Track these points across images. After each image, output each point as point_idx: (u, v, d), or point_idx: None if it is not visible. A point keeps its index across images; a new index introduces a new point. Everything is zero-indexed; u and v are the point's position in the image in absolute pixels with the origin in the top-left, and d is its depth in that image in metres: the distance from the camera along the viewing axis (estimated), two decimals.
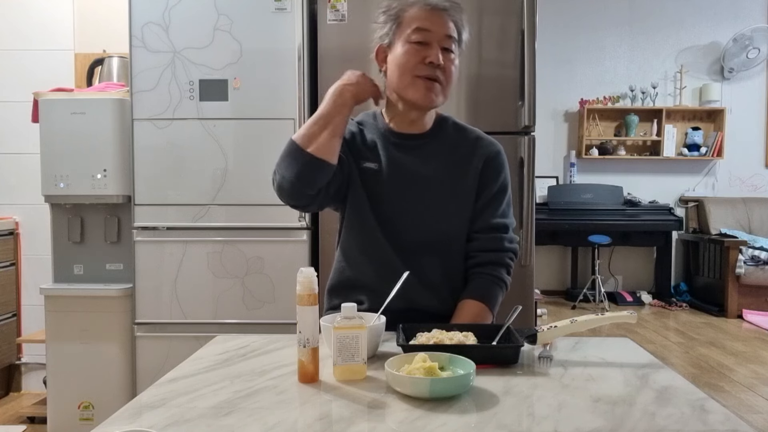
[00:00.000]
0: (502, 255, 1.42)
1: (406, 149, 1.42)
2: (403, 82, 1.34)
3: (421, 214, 1.39)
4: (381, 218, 1.39)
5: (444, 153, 1.42)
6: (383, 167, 1.40)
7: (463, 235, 1.42)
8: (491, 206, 1.43)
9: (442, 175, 1.40)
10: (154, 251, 2.40)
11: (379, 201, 1.40)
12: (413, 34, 1.32)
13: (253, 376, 1.03)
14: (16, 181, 3.14)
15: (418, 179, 1.40)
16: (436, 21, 1.32)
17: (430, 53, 1.31)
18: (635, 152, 5.46)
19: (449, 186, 1.40)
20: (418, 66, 1.32)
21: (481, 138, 1.46)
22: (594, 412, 0.87)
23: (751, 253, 4.74)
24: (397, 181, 1.40)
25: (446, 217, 1.40)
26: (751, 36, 5.24)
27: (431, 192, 1.40)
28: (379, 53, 1.40)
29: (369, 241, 1.39)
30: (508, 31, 2.37)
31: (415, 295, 1.35)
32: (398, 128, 1.43)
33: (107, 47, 3.05)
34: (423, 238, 1.39)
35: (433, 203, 1.39)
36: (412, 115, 1.41)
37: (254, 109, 2.37)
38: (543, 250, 5.37)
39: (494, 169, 1.44)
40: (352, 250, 1.43)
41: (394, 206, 1.40)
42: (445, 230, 1.40)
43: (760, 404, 2.89)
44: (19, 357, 3.19)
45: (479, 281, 1.40)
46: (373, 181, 1.40)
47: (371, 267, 1.39)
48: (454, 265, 1.42)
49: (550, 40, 5.24)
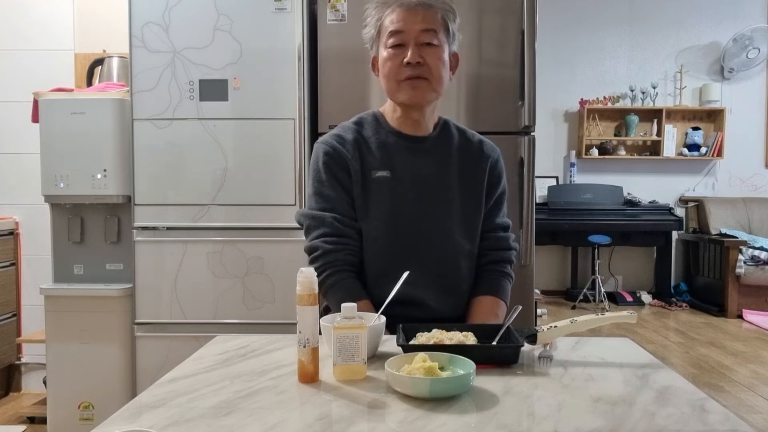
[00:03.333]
0: (509, 253, 1.49)
1: (419, 153, 1.42)
2: (391, 88, 1.37)
3: (443, 221, 1.41)
4: (403, 229, 1.38)
5: (456, 157, 1.45)
6: (398, 174, 1.40)
7: (478, 239, 1.46)
8: (497, 207, 1.49)
9: (459, 181, 1.43)
10: (154, 251, 2.40)
11: (400, 211, 1.39)
12: (389, 39, 1.34)
13: (253, 376, 1.03)
14: (16, 181, 3.14)
15: (438, 186, 1.42)
16: (409, 20, 1.33)
17: (406, 54, 1.32)
18: (635, 152, 5.46)
19: (467, 191, 1.44)
20: (400, 70, 1.34)
21: (483, 141, 1.51)
22: (594, 412, 0.87)
23: (751, 253, 4.74)
24: (417, 189, 1.40)
25: (466, 223, 1.43)
26: (751, 36, 5.24)
27: (452, 198, 1.42)
28: (374, 64, 1.43)
29: (392, 252, 1.38)
30: (508, 31, 2.37)
31: (440, 304, 1.38)
32: (407, 131, 1.43)
33: (107, 47, 3.05)
34: (448, 246, 1.41)
35: (454, 210, 1.42)
36: (413, 115, 1.41)
37: (254, 109, 2.37)
38: (543, 250, 5.37)
39: (498, 172, 1.50)
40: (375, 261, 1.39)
41: (417, 215, 1.39)
42: (466, 237, 1.43)
43: (760, 404, 2.89)
44: (19, 357, 3.19)
45: (492, 278, 1.45)
46: (390, 190, 1.39)
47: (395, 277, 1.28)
48: (473, 271, 1.46)
49: (550, 40, 5.24)
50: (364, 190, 1.38)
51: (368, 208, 1.38)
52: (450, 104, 2.37)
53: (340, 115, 2.32)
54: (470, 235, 1.44)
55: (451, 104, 2.37)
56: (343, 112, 2.31)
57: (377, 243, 1.38)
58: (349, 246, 1.37)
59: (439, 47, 1.35)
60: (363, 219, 1.39)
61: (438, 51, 1.35)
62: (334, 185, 1.39)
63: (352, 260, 1.38)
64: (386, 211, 1.38)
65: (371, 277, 1.39)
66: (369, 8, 1.39)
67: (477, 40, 2.36)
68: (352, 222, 1.38)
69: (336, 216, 1.37)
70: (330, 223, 1.37)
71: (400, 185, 1.39)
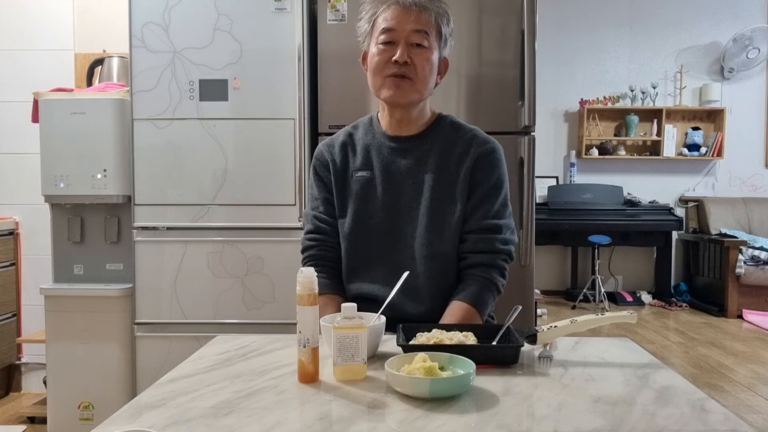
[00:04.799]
0: (494, 257, 1.38)
1: (400, 152, 1.42)
2: (376, 83, 1.38)
3: (416, 219, 1.39)
4: (375, 227, 1.41)
5: (438, 154, 1.40)
6: (376, 174, 1.42)
7: (456, 240, 1.40)
8: (483, 206, 1.39)
9: (434, 178, 1.39)
10: (154, 251, 2.40)
11: (371, 210, 1.41)
12: (380, 35, 1.35)
13: (253, 376, 1.03)
14: (16, 181, 3.14)
15: (411, 185, 1.40)
16: (402, 19, 1.33)
17: (395, 52, 1.33)
18: (635, 152, 5.46)
19: (442, 189, 1.39)
20: (387, 66, 1.35)
21: (476, 136, 1.43)
22: (594, 412, 0.87)
23: (751, 253, 4.74)
24: (389, 188, 1.41)
25: (441, 221, 1.39)
26: (751, 36, 5.24)
27: (424, 196, 1.39)
28: (364, 58, 1.43)
29: (363, 249, 1.42)
30: (508, 31, 2.37)
31: (403, 304, 1.35)
32: (392, 131, 1.44)
33: (107, 47, 3.05)
34: (416, 245, 1.39)
35: (425, 209, 1.39)
36: (396, 114, 1.42)
37: (254, 109, 2.37)
38: (543, 250, 5.37)
39: (486, 167, 1.40)
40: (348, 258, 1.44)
41: (389, 214, 1.40)
42: (439, 236, 1.39)
43: (760, 404, 2.89)
44: (19, 357, 3.19)
45: (469, 283, 1.37)
46: (367, 189, 1.42)
47: (365, 274, 1.41)
48: (448, 274, 1.40)
49: (550, 40, 5.23)
50: (343, 190, 1.45)
51: (345, 207, 1.44)
52: (450, 104, 2.37)
53: (340, 115, 2.35)
54: (442, 235, 1.38)
55: (452, 104, 2.37)
56: (343, 112, 2.34)
57: (348, 240, 1.43)
58: (326, 242, 1.46)
59: (429, 49, 1.35)
60: (340, 217, 1.45)
61: (426, 53, 1.35)
62: (318, 186, 1.49)
63: (328, 256, 1.46)
64: (359, 209, 1.42)
65: (345, 273, 1.45)
66: (365, 3, 1.40)
67: (477, 40, 2.36)
68: (332, 220, 1.46)
69: (317, 214, 1.48)
70: (312, 220, 1.48)
71: (376, 184, 1.42)
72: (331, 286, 1.43)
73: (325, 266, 1.44)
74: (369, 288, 1.39)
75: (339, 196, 1.45)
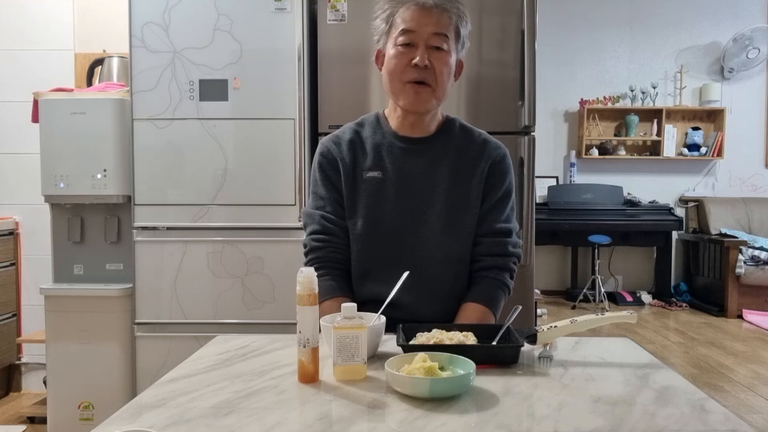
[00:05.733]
0: (506, 260, 1.42)
1: (412, 154, 1.40)
2: (394, 87, 1.35)
3: (430, 221, 1.38)
4: (387, 229, 1.38)
5: (451, 157, 1.41)
6: (388, 175, 1.39)
7: (470, 243, 1.41)
8: (496, 210, 1.42)
9: (449, 181, 1.39)
10: (154, 251, 2.40)
11: (384, 211, 1.39)
12: (399, 37, 1.32)
13: (253, 376, 1.03)
14: (16, 181, 3.14)
15: (425, 186, 1.39)
16: (422, 21, 1.30)
17: (415, 55, 1.30)
18: (635, 152, 5.46)
19: (457, 192, 1.39)
20: (405, 70, 1.32)
21: (488, 141, 1.44)
22: (594, 412, 0.87)
23: (751, 253, 4.74)
24: (403, 190, 1.39)
25: (456, 224, 1.39)
26: (751, 36, 5.24)
27: (438, 199, 1.39)
28: (378, 57, 1.40)
29: (377, 250, 1.38)
30: (508, 31, 2.37)
31: (421, 307, 1.35)
32: (402, 132, 1.42)
33: (107, 47, 3.05)
34: (431, 248, 1.38)
35: (440, 211, 1.38)
36: (410, 117, 1.40)
37: (254, 109, 2.37)
38: (543, 250, 5.37)
39: (500, 173, 1.42)
40: (360, 260, 1.41)
41: (402, 215, 1.38)
42: (454, 238, 1.39)
43: (760, 404, 2.89)
44: (19, 357, 3.19)
45: (483, 285, 1.39)
46: (378, 190, 1.39)
47: (379, 276, 1.36)
48: (461, 276, 1.41)
49: (550, 40, 5.23)
50: (354, 190, 1.40)
51: (356, 208, 1.40)
52: (450, 104, 2.37)
53: (340, 115, 2.35)
54: (457, 238, 1.39)
55: (452, 104, 2.37)
56: (343, 112, 2.33)
57: (360, 242, 1.40)
58: (335, 244, 1.41)
59: (447, 53, 1.33)
60: (350, 218, 1.41)
61: (446, 56, 1.33)
62: (326, 184, 1.43)
63: (338, 257, 1.41)
64: (371, 210, 1.39)
65: (354, 275, 1.42)
66: (381, 1, 1.37)
67: (477, 40, 2.36)
68: (340, 221, 1.41)
69: (324, 214, 1.41)
70: (319, 220, 1.41)
71: (388, 186, 1.39)
72: (341, 289, 1.38)
73: (334, 268, 1.40)
74: (383, 290, 1.33)
75: (349, 197, 1.40)
